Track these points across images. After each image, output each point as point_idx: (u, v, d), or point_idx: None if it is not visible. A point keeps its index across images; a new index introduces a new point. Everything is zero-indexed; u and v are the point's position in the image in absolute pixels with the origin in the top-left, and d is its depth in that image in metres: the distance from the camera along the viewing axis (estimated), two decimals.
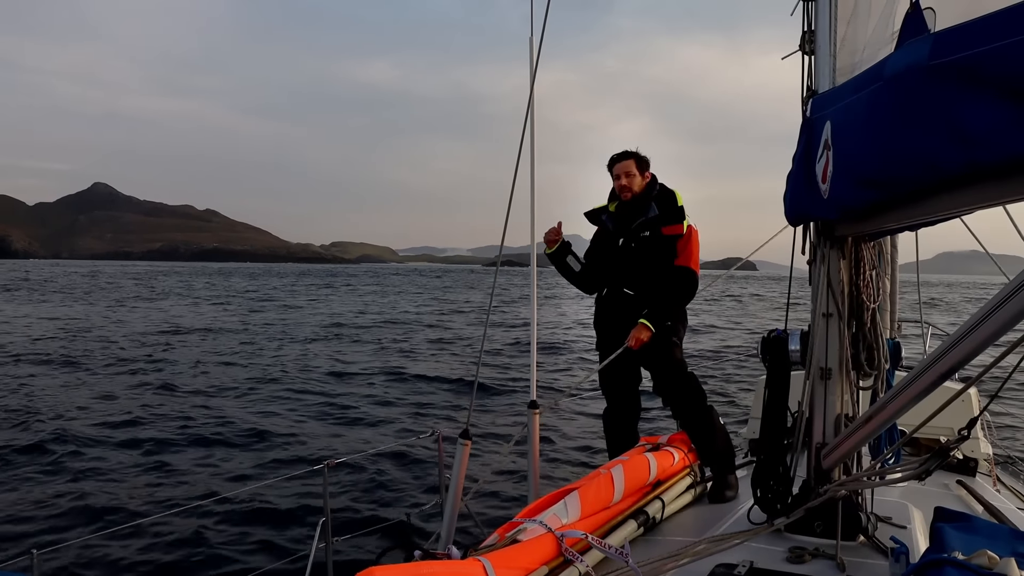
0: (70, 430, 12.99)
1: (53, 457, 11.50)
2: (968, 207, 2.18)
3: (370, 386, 18.01)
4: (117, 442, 12.84)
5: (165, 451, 12.21)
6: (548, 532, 2.92)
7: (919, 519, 3.54)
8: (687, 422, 4.60)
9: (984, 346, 2.09)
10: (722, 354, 21.45)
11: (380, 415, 14.52)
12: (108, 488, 10.22)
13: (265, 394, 17.50)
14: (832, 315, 3.33)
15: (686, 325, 4.76)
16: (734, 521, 3.72)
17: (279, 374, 19.73)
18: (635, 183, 4.61)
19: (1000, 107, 1.70)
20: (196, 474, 10.78)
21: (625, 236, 4.66)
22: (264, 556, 7.43)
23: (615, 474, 3.58)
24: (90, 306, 45.11)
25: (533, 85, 4.43)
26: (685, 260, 4.56)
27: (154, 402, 16.23)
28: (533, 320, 4.73)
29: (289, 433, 13.34)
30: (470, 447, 4.27)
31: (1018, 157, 1.71)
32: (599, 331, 4.85)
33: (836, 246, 3.34)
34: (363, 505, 9.05)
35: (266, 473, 10.50)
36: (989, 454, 5.51)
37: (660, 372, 4.62)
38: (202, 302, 51.76)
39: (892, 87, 2.14)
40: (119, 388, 17.26)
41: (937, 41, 1.91)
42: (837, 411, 3.34)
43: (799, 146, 3.23)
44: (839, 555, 3.05)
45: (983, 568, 2.20)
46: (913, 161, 2.07)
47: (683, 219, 4.58)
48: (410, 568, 2.44)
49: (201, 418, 14.97)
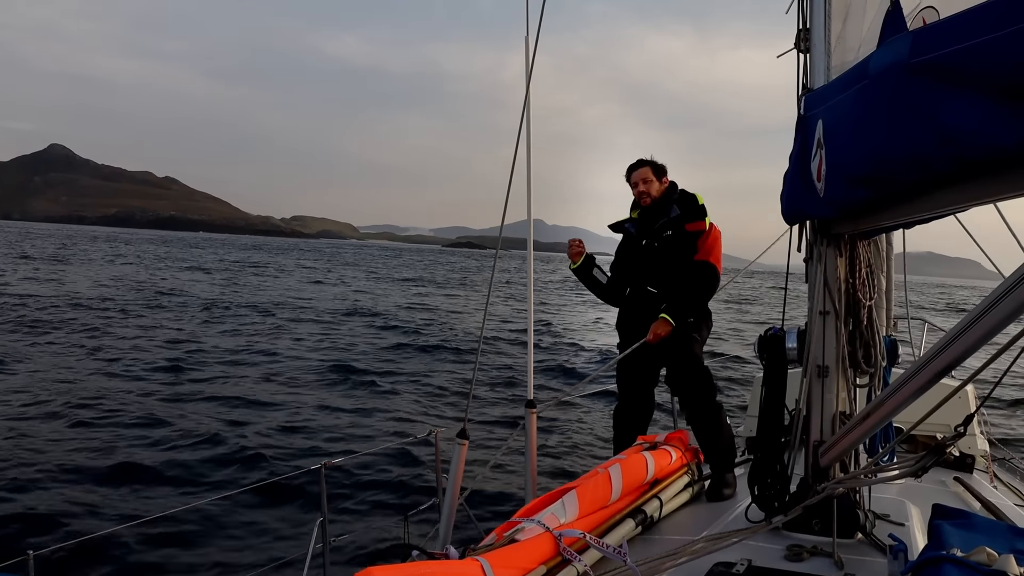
0: (68, 427, 12.96)
1: (50, 455, 11.48)
2: (962, 204, 2.18)
3: (367, 386, 18.00)
4: (115, 444, 12.82)
5: (162, 452, 12.19)
6: (546, 531, 2.92)
7: (917, 516, 3.55)
8: (695, 416, 4.61)
9: (980, 344, 2.09)
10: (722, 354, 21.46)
11: (376, 415, 14.51)
12: (103, 490, 10.20)
13: (262, 393, 17.48)
14: (829, 313, 3.34)
15: (710, 327, 4.78)
16: (732, 519, 3.72)
17: (274, 370, 19.71)
18: (653, 188, 4.69)
19: (979, 104, 1.70)
20: (193, 475, 10.76)
21: (648, 237, 4.70)
22: (262, 556, 7.41)
23: (613, 473, 3.58)
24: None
25: (530, 76, 4.42)
26: (705, 255, 4.60)
27: (150, 401, 16.19)
28: (530, 321, 4.72)
29: (283, 433, 13.32)
30: (467, 446, 4.26)
31: (1000, 153, 1.70)
32: (621, 332, 4.85)
33: (833, 244, 3.34)
34: (361, 505, 9.04)
35: (263, 474, 10.50)
36: (986, 451, 5.52)
37: (676, 364, 4.63)
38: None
39: (876, 85, 2.14)
40: (105, 380, 17.20)
41: (916, 39, 1.91)
42: (834, 409, 3.34)
43: (795, 144, 3.23)
44: (837, 553, 3.05)
45: (982, 565, 2.21)
46: (900, 159, 2.07)
47: (705, 216, 4.63)
48: (408, 568, 2.43)
49: (196, 418, 14.94)
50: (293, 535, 7.98)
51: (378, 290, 48.79)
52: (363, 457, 9.43)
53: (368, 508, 8.90)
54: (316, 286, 49.70)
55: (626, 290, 4.85)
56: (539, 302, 42.53)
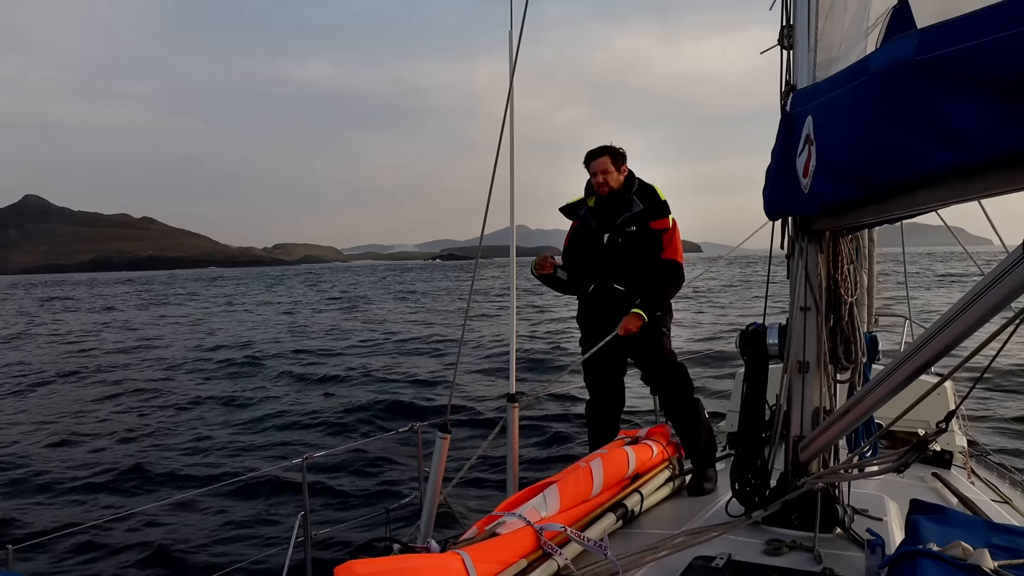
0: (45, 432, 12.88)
1: (31, 451, 11.39)
2: (947, 201, 2.20)
3: (346, 382, 17.95)
4: (95, 438, 12.74)
5: (142, 447, 12.13)
6: (527, 525, 2.92)
7: (895, 511, 3.57)
8: (673, 413, 4.62)
9: (959, 340, 2.11)
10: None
11: (357, 410, 14.47)
12: (84, 483, 10.14)
13: (242, 389, 17.41)
14: (810, 309, 3.35)
15: (672, 316, 4.80)
16: (712, 514, 3.73)
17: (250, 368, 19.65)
18: (612, 179, 4.61)
19: (986, 103, 1.70)
20: (172, 469, 10.71)
21: (611, 232, 4.66)
22: (243, 550, 7.39)
23: (594, 468, 3.58)
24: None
25: (512, 80, 4.41)
26: (672, 253, 4.62)
27: (124, 402, 16.10)
28: (512, 313, 4.72)
29: (265, 429, 13.28)
30: (449, 440, 4.26)
31: (1003, 153, 1.71)
32: (585, 327, 4.84)
33: (814, 240, 3.36)
34: (342, 499, 9.03)
35: (244, 468, 10.45)
36: (964, 447, 5.57)
37: (650, 362, 4.64)
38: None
39: (877, 83, 2.14)
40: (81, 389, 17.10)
41: (924, 37, 1.90)
42: (815, 404, 3.36)
43: (778, 140, 3.23)
44: (816, 547, 3.07)
45: (957, 559, 2.23)
46: (897, 157, 2.07)
47: (668, 213, 4.62)
48: (389, 562, 2.43)
49: (175, 414, 14.86)
50: (274, 529, 7.96)
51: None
52: (344, 451, 9.41)
53: (350, 502, 8.89)
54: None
55: (586, 283, 4.82)
56: (525, 304, 42.33)
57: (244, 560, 5.70)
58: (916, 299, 6.46)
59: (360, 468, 10.08)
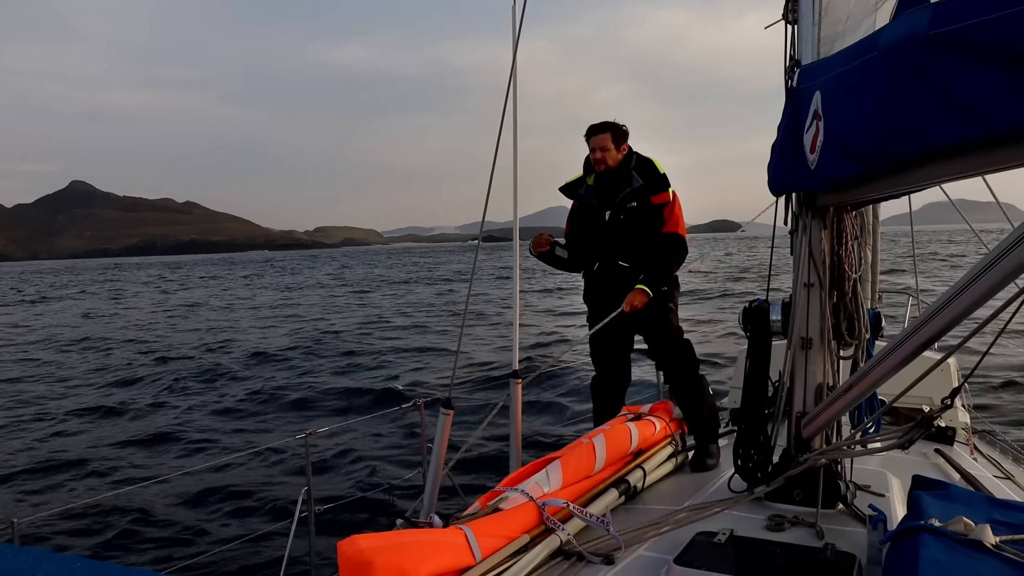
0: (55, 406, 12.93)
1: (38, 427, 11.45)
2: (952, 176, 2.18)
3: (349, 356, 18.00)
4: (102, 414, 12.80)
5: (148, 422, 12.18)
6: (530, 501, 2.93)
7: (897, 487, 3.58)
8: (678, 388, 4.63)
9: (963, 316, 2.10)
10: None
11: (360, 385, 14.52)
12: (90, 458, 10.20)
13: (249, 364, 17.47)
14: (813, 285, 3.34)
15: (679, 291, 4.78)
16: (715, 490, 3.74)
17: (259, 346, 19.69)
18: (610, 157, 4.56)
19: (1001, 77, 1.68)
20: (178, 444, 10.77)
21: (611, 209, 4.64)
22: (247, 524, 7.44)
23: (597, 443, 3.59)
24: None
25: (515, 56, 4.37)
26: (673, 227, 4.58)
27: (131, 375, 16.15)
28: (515, 290, 4.71)
29: (269, 404, 13.33)
30: (452, 416, 4.27)
31: (1015, 127, 1.70)
32: (591, 305, 4.82)
33: (818, 216, 3.34)
34: (346, 474, 9.08)
35: (249, 443, 10.51)
36: (967, 423, 5.58)
37: (656, 337, 4.63)
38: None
39: (889, 57, 2.11)
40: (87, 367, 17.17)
41: (937, 11, 1.88)
42: (818, 381, 3.35)
43: (784, 116, 3.20)
44: (818, 523, 3.08)
45: (959, 534, 2.23)
46: (908, 132, 2.05)
47: (668, 187, 4.58)
48: (392, 536, 2.44)
49: (180, 390, 14.93)
50: (278, 504, 8.01)
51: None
52: (348, 427, 9.44)
53: (353, 477, 8.93)
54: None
55: (590, 262, 4.79)
56: (535, 287, 42.27)
57: (248, 535, 5.74)
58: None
59: (363, 444, 10.13)
